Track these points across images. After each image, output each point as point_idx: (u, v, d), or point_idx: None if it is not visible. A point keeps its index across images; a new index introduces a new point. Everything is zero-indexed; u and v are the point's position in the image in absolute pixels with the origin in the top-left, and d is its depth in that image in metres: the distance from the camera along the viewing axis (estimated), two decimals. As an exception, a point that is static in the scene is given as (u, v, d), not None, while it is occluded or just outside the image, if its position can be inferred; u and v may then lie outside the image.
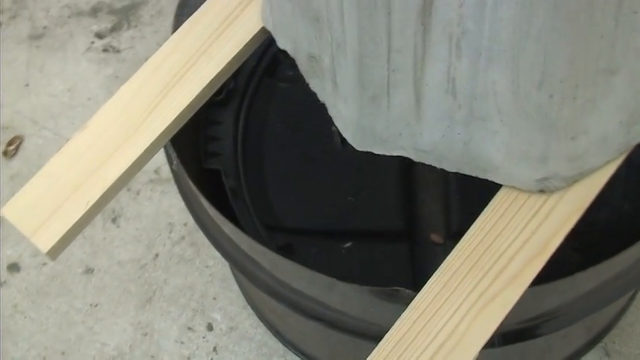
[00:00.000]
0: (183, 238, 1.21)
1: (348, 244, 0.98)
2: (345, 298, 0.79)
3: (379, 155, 1.00)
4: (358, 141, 0.74)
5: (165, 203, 1.24)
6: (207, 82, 0.79)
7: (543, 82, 0.62)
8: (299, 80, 1.05)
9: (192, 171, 0.85)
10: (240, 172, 1.03)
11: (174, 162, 0.84)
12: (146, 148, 0.76)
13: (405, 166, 0.99)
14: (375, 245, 0.97)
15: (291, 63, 1.06)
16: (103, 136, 0.77)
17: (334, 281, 0.74)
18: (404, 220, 0.97)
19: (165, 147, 0.83)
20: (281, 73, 1.08)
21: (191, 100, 0.78)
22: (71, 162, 0.76)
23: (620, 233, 0.94)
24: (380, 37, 0.63)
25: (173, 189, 1.24)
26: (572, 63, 0.61)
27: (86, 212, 0.74)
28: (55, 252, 0.74)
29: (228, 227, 0.82)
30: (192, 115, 0.80)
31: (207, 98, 0.81)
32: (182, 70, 0.79)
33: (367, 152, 1.00)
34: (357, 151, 1.01)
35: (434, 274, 0.69)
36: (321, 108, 0.97)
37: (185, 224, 1.22)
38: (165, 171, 1.25)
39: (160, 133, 0.77)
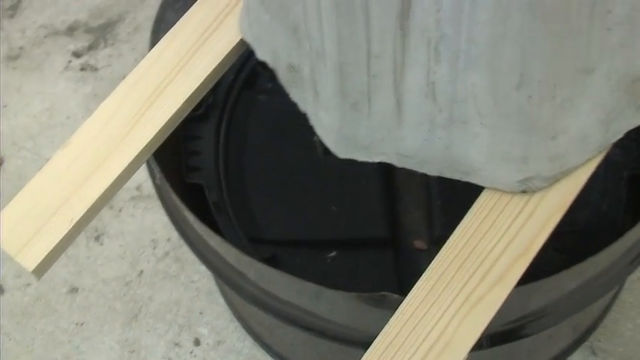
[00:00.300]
0: (167, 253, 1.21)
1: (332, 254, 0.98)
2: (333, 305, 0.80)
3: (361, 164, 1.00)
4: (340, 148, 0.74)
5: (148, 220, 1.24)
6: (187, 96, 0.79)
7: (522, 83, 0.63)
8: (278, 92, 1.05)
9: (175, 186, 0.85)
10: (223, 186, 1.03)
11: (158, 176, 0.84)
12: (128, 164, 0.76)
13: (386, 173, 0.99)
14: (359, 254, 0.98)
15: (270, 75, 1.06)
16: (84, 153, 0.77)
17: (321, 289, 0.74)
18: (387, 228, 0.97)
19: (147, 162, 0.83)
20: (260, 85, 1.09)
21: (171, 114, 0.78)
22: (54, 180, 0.76)
23: (600, 232, 0.95)
24: (359, 44, 0.63)
25: (155, 205, 1.23)
26: (549, 63, 0.62)
27: (71, 229, 0.74)
28: (40, 270, 0.73)
29: (213, 240, 0.82)
30: (173, 129, 0.80)
31: (187, 112, 0.81)
32: (162, 85, 0.79)
33: (348, 161, 1.00)
34: (338, 161, 1.01)
35: (421, 278, 0.70)
36: (302, 119, 0.97)
37: (169, 240, 1.22)
38: (147, 187, 1.25)
39: (141, 148, 0.77)
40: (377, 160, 0.73)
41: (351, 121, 0.71)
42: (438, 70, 0.64)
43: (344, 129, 0.72)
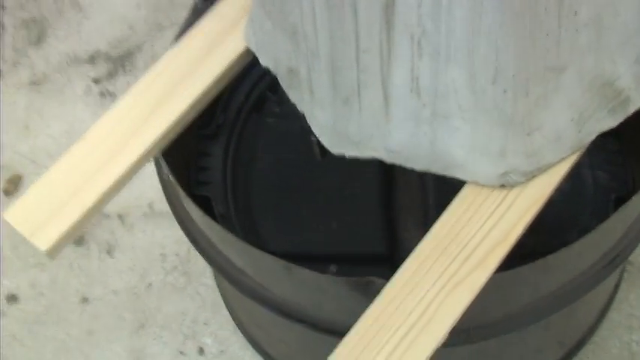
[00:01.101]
0: (175, 267, 1.26)
1: (332, 268, 1.03)
2: (324, 294, 0.84)
3: (361, 182, 1.06)
4: (334, 144, 0.79)
5: (158, 235, 1.29)
6: (195, 98, 0.85)
7: (497, 77, 0.68)
8: (285, 116, 1.12)
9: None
10: (229, 200, 1.08)
11: (165, 172, 0.90)
12: (137, 158, 0.82)
13: (386, 192, 1.05)
14: (357, 269, 1.02)
15: (278, 100, 1.13)
16: (98, 146, 0.83)
17: (314, 274, 0.79)
18: (386, 245, 1.02)
19: (156, 159, 0.89)
20: (268, 109, 1.15)
21: (179, 115, 0.84)
22: (69, 170, 0.82)
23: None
24: (349, 39, 0.69)
25: (165, 222, 1.29)
26: (521, 59, 0.68)
27: (82, 215, 0.80)
28: (53, 251, 0.79)
29: (210, 226, 0.86)
30: (181, 129, 0.86)
31: (195, 114, 0.87)
32: (172, 86, 0.85)
33: (351, 180, 1.06)
34: (341, 179, 1.06)
35: (404, 262, 0.74)
36: (304, 141, 1.03)
37: (177, 255, 1.28)
38: (159, 205, 1.31)
39: (149, 145, 0.83)
40: (367, 155, 0.78)
41: (343, 117, 0.77)
42: (421, 65, 0.69)
43: (337, 125, 0.77)
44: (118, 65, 1.46)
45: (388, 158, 0.78)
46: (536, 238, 0.79)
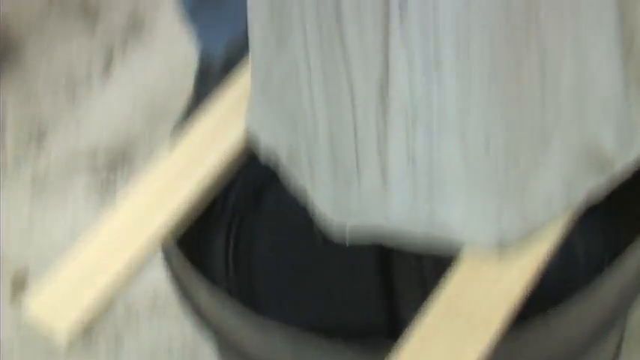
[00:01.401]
0: (183, 353, 1.28)
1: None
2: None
3: (360, 266, 1.09)
4: (336, 214, 0.82)
5: (164, 325, 1.32)
6: (199, 191, 0.89)
7: (489, 147, 0.72)
8: (284, 204, 1.15)
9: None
10: (231, 280, 1.11)
11: (176, 260, 0.92)
12: (144, 251, 0.86)
13: (386, 275, 1.08)
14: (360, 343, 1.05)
15: (276, 187, 1.16)
16: (108, 240, 0.87)
17: (313, 338, 0.81)
18: (386, 318, 1.05)
19: (165, 249, 0.92)
20: (267, 199, 1.18)
21: (186, 206, 0.88)
22: (78, 265, 0.86)
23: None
24: (346, 119, 0.73)
25: (171, 308, 1.31)
26: (510, 130, 0.72)
27: (94, 308, 0.83)
28: (70, 344, 0.82)
29: (223, 301, 0.89)
30: (191, 217, 0.89)
31: (201, 207, 0.90)
32: (176, 179, 0.89)
33: (350, 263, 1.08)
34: (341, 264, 1.10)
35: (412, 327, 0.77)
36: (304, 228, 1.05)
37: (184, 344, 1.30)
38: (163, 293, 1.33)
39: (156, 237, 0.87)
40: (368, 223, 0.81)
41: (343, 193, 0.80)
42: (416, 140, 0.73)
43: (338, 200, 0.81)
44: (118, 158, 1.51)
45: (388, 226, 0.81)
46: (532, 310, 0.81)
